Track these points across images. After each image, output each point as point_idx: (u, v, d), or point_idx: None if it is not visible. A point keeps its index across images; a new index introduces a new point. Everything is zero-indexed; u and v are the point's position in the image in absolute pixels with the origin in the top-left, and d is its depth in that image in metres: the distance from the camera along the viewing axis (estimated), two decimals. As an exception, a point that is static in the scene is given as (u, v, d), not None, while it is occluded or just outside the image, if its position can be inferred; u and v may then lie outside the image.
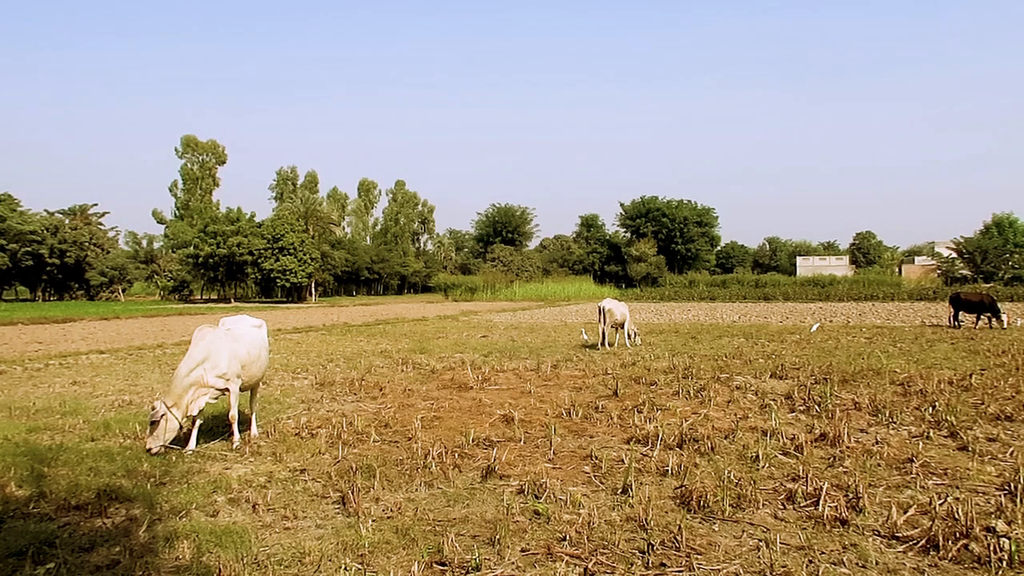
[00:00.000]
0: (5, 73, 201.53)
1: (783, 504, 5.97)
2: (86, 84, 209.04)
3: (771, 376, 13.33)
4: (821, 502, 5.77)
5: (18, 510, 5.93)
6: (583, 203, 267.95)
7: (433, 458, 7.30)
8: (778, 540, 5.05)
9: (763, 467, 7.07)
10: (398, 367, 15.49)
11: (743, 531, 5.38)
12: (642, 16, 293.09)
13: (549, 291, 79.13)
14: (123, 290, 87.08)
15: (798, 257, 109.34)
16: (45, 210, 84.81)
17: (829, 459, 7.36)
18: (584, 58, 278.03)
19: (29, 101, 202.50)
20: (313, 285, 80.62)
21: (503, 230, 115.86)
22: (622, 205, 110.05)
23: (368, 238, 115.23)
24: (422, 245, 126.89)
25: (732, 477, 6.52)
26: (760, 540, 5.14)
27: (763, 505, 5.93)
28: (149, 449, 7.54)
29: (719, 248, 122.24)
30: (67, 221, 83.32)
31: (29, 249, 74.45)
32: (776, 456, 7.50)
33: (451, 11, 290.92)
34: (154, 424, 7.53)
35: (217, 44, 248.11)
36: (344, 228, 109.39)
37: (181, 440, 8.08)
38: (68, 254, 78.49)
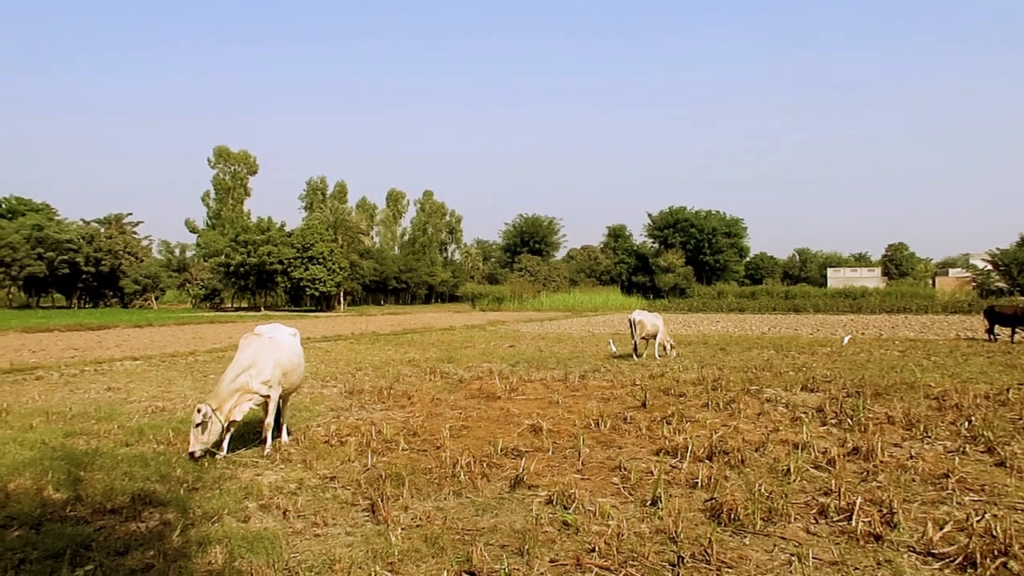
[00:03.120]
0: (44, 84, 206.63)
1: (815, 518, 5.89)
2: (122, 94, 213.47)
3: (802, 389, 13.17)
4: (854, 517, 5.69)
5: (56, 513, 6.05)
6: (610, 213, 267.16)
7: (462, 467, 7.32)
8: (811, 555, 4.99)
9: (794, 481, 6.98)
10: (426, 376, 15.55)
11: (774, 545, 5.32)
12: (666, 23, 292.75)
13: (576, 301, 78.97)
14: (156, 298, 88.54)
15: (829, 268, 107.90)
16: (81, 219, 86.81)
17: (862, 473, 7.26)
18: (611, 68, 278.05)
19: (66, 111, 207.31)
20: (342, 294, 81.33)
21: (530, 240, 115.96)
22: (650, 215, 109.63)
23: (396, 248, 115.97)
24: (449, 255, 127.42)
25: (763, 490, 6.46)
26: (792, 555, 5.07)
27: (795, 519, 5.86)
28: (192, 452, 7.67)
29: (748, 259, 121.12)
30: (102, 230, 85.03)
31: (65, 257, 76.06)
32: (808, 470, 7.40)
33: (480, 24, 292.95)
34: (199, 427, 7.66)
35: (249, 55, 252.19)
36: (373, 238, 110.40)
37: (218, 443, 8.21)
38: (103, 262, 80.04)
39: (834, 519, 5.82)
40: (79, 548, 5.19)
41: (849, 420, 9.96)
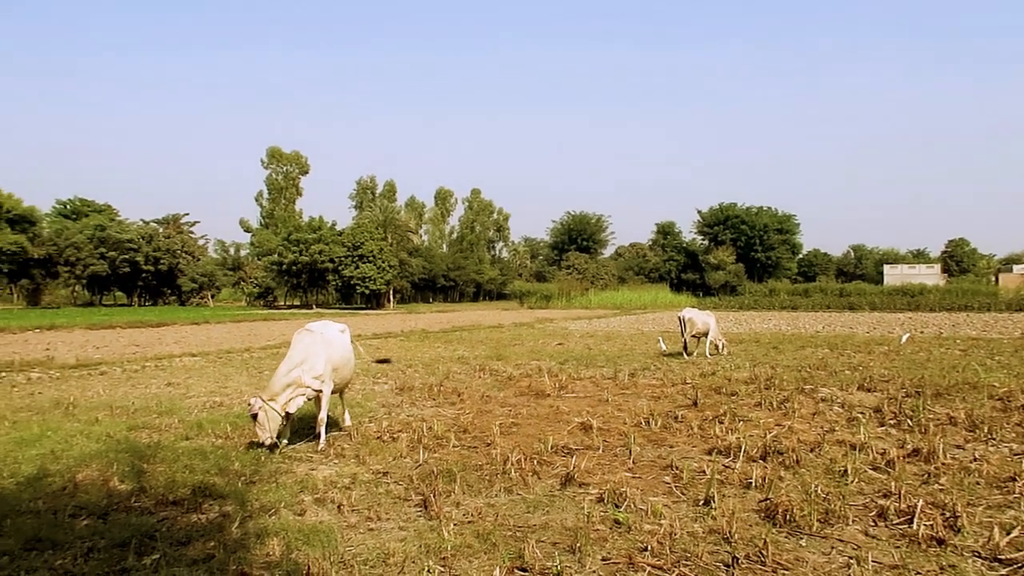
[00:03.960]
0: (104, 89, 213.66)
1: (874, 521, 5.75)
2: (178, 98, 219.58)
3: (858, 388, 12.86)
4: (915, 520, 5.54)
5: (121, 503, 6.26)
6: (659, 210, 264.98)
7: (512, 464, 7.34)
8: (870, 558, 4.87)
9: (852, 482, 6.82)
10: (475, 373, 15.64)
11: (832, 547, 5.21)
12: (718, 12, 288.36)
13: (625, 299, 78.43)
14: (212, 296, 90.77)
15: (885, 265, 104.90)
16: (141, 219, 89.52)
17: (923, 476, 7.06)
18: (659, 65, 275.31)
19: (126, 115, 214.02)
20: (391, 292, 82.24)
21: (578, 238, 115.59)
22: (700, 212, 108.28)
23: (444, 246, 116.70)
24: (497, 253, 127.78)
25: (819, 491, 6.32)
26: (850, 557, 4.96)
27: (853, 521, 5.73)
28: (262, 442, 8.01)
29: (801, 256, 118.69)
30: (161, 230, 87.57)
31: (126, 256, 78.52)
32: (866, 471, 7.23)
33: (524, 22, 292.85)
34: (255, 418, 7.95)
35: (301, 57, 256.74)
36: (421, 236, 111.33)
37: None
38: (162, 261, 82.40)
39: (894, 522, 5.67)
40: (144, 538, 5.36)
41: (909, 421, 9.69)
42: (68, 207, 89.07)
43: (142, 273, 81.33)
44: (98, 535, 5.42)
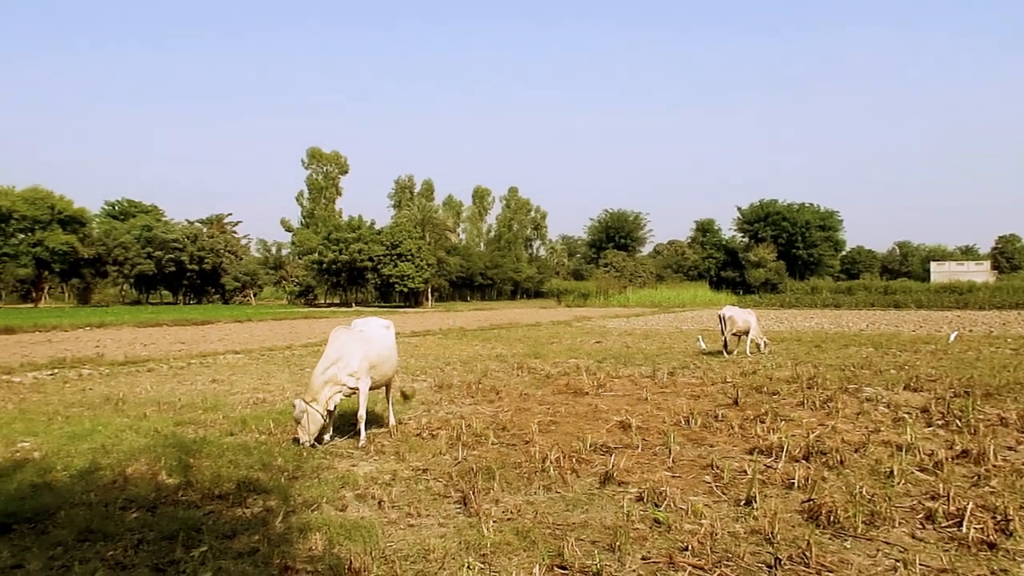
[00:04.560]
0: (151, 93, 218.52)
1: (921, 523, 5.63)
2: (223, 101, 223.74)
3: (904, 388, 12.58)
4: (965, 523, 5.41)
5: (169, 497, 6.41)
6: (698, 208, 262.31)
7: (551, 462, 7.34)
8: (917, 561, 4.77)
9: (898, 483, 6.68)
10: (513, 371, 15.67)
11: (877, 550, 5.11)
12: (756, 5, 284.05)
13: (663, 297, 77.89)
14: (254, 294, 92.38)
15: (932, 262, 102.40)
16: (186, 219, 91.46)
17: (973, 478, 6.88)
18: (699, 60, 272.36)
19: (172, 120, 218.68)
20: (429, 290, 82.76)
21: (616, 235, 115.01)
22: (739, 209, 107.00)
23: (482, 244, 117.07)
24: (535, 251, 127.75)
25: (864, 493, 6.20)
26: (897, 560, 4.86)
27: (899, 523, 5.61)
28: (302, 442, 8.16)
29: (844, 253, 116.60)
30: (205, 230, 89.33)
31: (172, 256, 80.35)
32: (913, 472, 7.07)
33: (561, 19, 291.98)
34: (298, 420, 8.11)
35: (340, 59, 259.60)
36: (459, 234, 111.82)
37: (319, 433, 8.56)
38: (206, 260, 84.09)
39: (942, 525, 5.54)
40: (191, 531, 5.47)
41: (957, 421, 9.46)
42: (116, 208, 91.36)
43: (187, 272, 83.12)
44: (147, 527, 5.56)
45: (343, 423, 9.49)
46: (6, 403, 11.68)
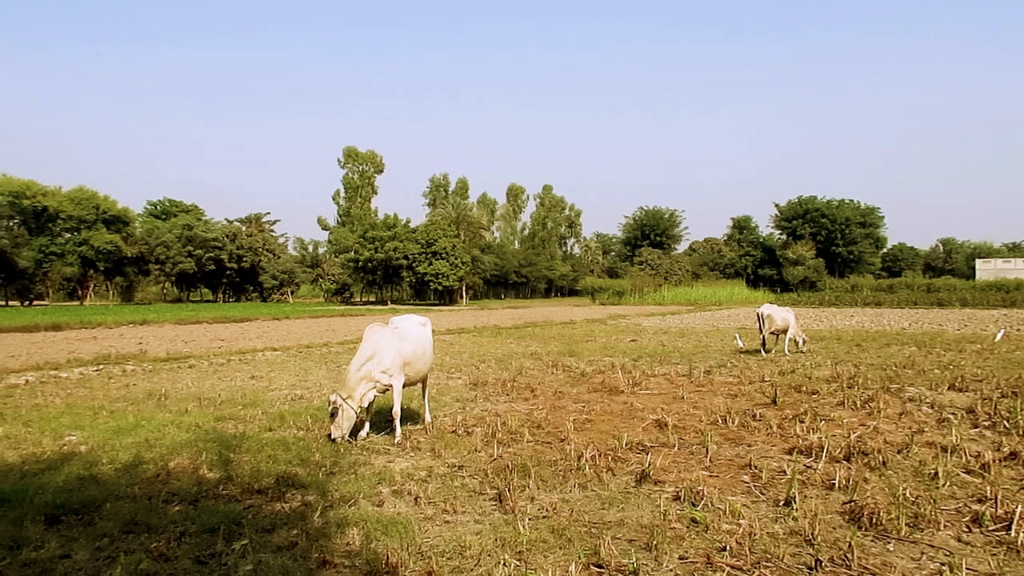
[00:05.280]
0: (196, 96, 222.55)
1: (968, 527, 5.49)
2: (263, 102, 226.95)
3: (949, 388, 12.28)
4: (1014, 526, 5.26)
5: (210, 491, 6.52)
6: (735, 205, 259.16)
7: (586, 460, 7.32)
8: (964, 565, 4.65)
9: (943, 485, 6.52)
10: (548, 369, 15.64)
11: (922, 553, 5.00)
12: (791, 17, 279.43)
13: (699, 295, 77.23)
14: (291, 292, 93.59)
15: (977, 260, 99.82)
16: (225, 219, 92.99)
17: (1021, 480, 6.70)
18: (737, 54, 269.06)
19: (210, 122, 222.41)
20: (464, 288, 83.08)
21: (651, 233, 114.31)
22: (777, 206, 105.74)
23: (516, 242, 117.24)
24: (569, 249, 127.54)
25: (908, 494, 6.07)
26: (942, 564, 4.75)
27: (944, 526, 5.48)
28: (332, 437, 8.22)
29: (885, 250, 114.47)
30: (244, 229, 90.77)
31: (212, 255, 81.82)
32: (958, 474, 6.90)
33: (595, 17, 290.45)
34: (333, 415, 8.18)
35: (376, 58, 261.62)
36: (493, 233, 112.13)
37: (354, 430, 8.68)
38: (244, 259, 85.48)
39: (990, 528, 5.40)
40: (231, 524, 5.56)
41: (1005, 423, 9.19)
42: (158, 207, 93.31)
43: (226, 270, 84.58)
44: (189, 520, 5.67)
45: (379, 419, 9.56)
46: (54, 398, 11.98)
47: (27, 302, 72.19)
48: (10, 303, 72.48)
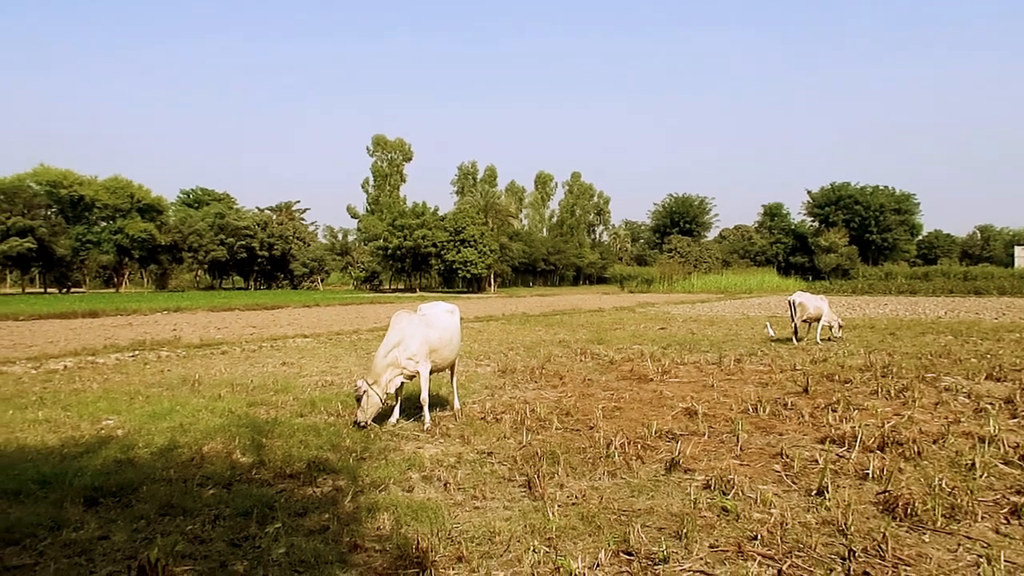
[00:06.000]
0: (223, 82, 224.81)
1: (1006, 519, 5.38)
2: (292, 93, 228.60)
3: (986, 377, 12.04)
4: (1054, 519, 5.15)
5: (243, 475, 6.62)
6: (765, 192, 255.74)
7: (616, 448, 7.29)
8: (1002, 557, 4.56)
9: (981, 476, 6.40)
10: (576, 357, 15.61)
11: (959, 544, 4.91)
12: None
13: (729, 283, 76.51)
14: (321, 280, 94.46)
15: (1016, 247, 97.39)
16: (256, 207, 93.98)
17: (1062, 472, 6.55)
18: (767, 39, 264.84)
19: (241, 109, 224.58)
20: (492, 276, 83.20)
21: (680, 220, 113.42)
22: (809, 193, 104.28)
23: (544, 230, 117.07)
24: (597, 236, 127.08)
25: (944, 485, 5.96)
26: (980, 556, 4.66)
27: (982, 518, 5.37)
28: (357, 422, 8.32)
29: (920, 237, 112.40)
30: (274, 217, 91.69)
31: (243, 243, 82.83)
32: (996, 465, 6.76)
33: (624, 5, 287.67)
34: (359, 400, 8.27)
35: (404, 46, 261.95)
36: (521, 220, 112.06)
37: (384, 415, 8.76)
38: (275, 247, 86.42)
39: (1029, 520, 5.29)
40: (264, 508, 5.64)
41: (1045, 413, 9.00)
42: (190, 196, 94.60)
43: (257, 258, 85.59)
44: (223, 504, 5.75)
45: (409, 406, 9.62)
46: (91, 383, 12.23)
47: (65, 289, 73.78)
48: (48, 290, 74.17)
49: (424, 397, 8.79)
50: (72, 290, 74.60)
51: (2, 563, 4.68)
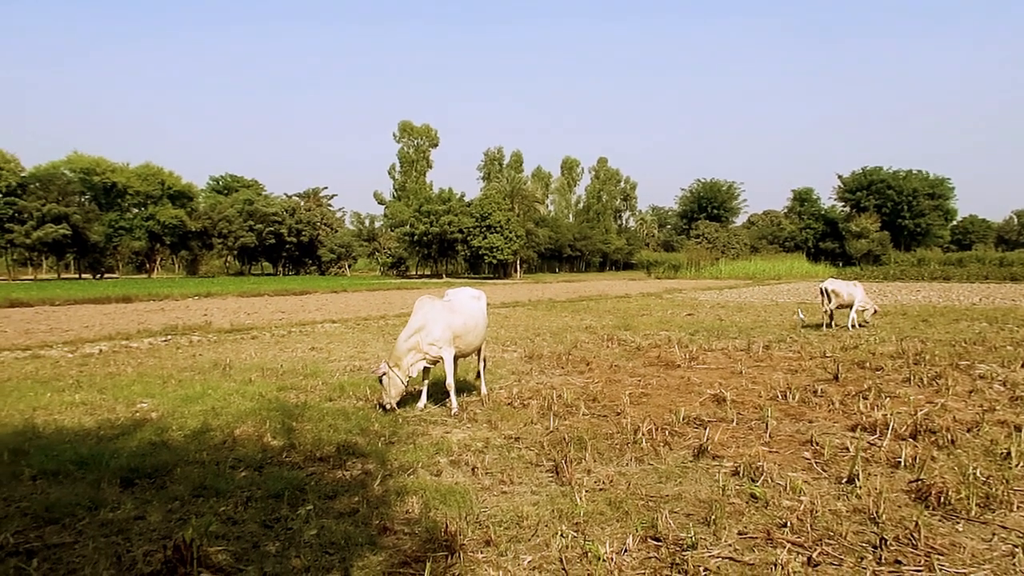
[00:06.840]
0: (251, 72, 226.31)
1: (1043, 508, 5.29)
2: (320, 80, 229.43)
3: (1022, 365, 11.81)
4: (1093, 509, 5.05)
5: (274, 458, 6.71)
6: (795, 176, 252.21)
7: (643, 434, 7.27)
8: (1038, 547, 4.49)
9: (1016, 466, 6.28)
10: (603, 343, 15.57)
11: (993, 534, 4.84)
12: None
13: (757, 269, 75.72)
14: (349, 266, 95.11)
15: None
16: (284, 193, 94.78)
17: (1101, 462, 6.41)
18: (799, 21, 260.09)
19: (270, 98, 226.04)
20: (518, 262, 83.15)
21: (708, 206, 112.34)
22: (840, 177, 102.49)
23: (571, 216, 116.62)
24: (624, 222, 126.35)
25: (978, 474, 5.87)
26: (1015, 545, 4.59)
27: (1018, 507, 5.29)
28: (383, 405, 8.46)
29: (955, 223, 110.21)
30: (302, 203, 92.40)
31: (272, 229, 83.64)
32: (1032, 454, 6.64)
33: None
34: (381, 381, 8.40)
35: (432, 33, 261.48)
36: (548, 206, 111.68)
37: (412, 399, 8.84)
38: (303, 233, 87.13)
39: (1066, 510, 5.20)
40: (295, 490, 5.72)
41: (1083, 402, 8.81)
42: (220, 183, 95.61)
43: (286, 244, 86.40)
44: (255, 486, 5.85)
45: (436, 391, 9.67)
46: (125, 367, 12.47)
47: (98, 275, 75.15)
48: (83, 276, 75.57)
49: (450, 382, 8.82)
50: (106, 276, 75.99)
51: (43, 541, 4.80)
